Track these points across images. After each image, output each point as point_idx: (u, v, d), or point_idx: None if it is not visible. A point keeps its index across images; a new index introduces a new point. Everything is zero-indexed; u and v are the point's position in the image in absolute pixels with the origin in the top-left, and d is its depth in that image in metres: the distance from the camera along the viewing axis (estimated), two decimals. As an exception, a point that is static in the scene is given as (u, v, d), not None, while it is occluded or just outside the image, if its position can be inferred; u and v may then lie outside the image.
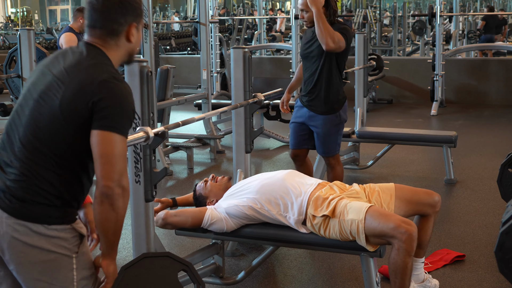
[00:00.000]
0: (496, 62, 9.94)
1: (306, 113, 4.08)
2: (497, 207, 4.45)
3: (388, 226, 2.63)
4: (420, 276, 3.06)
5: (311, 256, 3.64)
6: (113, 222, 1.88)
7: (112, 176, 1.84)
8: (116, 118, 1.85)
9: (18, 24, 23.01)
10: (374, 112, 8.98)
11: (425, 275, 3.10)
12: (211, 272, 3.16)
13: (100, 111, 1.84)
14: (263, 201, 2.91)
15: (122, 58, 2.02)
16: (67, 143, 1.87)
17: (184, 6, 30.82)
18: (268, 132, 6.72)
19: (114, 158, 1.85)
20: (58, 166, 1.87)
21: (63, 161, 1.87)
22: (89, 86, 1.84)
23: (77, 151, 1.88)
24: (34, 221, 1.85)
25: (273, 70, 10.84)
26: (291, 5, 9.80)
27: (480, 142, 6.85)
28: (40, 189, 1.86)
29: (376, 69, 5.96)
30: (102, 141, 1.84)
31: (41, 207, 1.86)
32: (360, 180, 5.30)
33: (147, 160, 2.57)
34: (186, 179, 5.59)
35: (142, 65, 2.54)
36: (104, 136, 1.84)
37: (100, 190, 1.85)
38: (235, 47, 3.43)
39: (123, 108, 1.87)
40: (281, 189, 2.91)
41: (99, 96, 1.84)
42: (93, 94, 1.84)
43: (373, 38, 14.46)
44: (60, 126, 1.85)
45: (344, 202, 2.80)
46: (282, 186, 2.92)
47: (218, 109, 3.21)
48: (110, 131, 1.84)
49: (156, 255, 2.52)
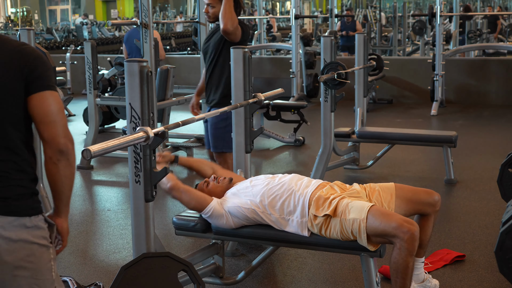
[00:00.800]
0: (496, 62, 9.94)
1: (207, 110, 4.10)
2: (497, 207, 4.45)
3: (390, 225, 2.64)
4: (420, 276, 3.06)
5: (311, 256, 3.64)
6: (70, 177, 1.94)
7: (65, 131, 1.91)
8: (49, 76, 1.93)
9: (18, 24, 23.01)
10: (374, 112, 8.98)
11: (425, 275, 3.10)
12: (211, 272, 3.16)
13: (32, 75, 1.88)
14: (266, 205, 2.91)
15: None
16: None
17: (184, 6, 30.83)
18: (268, 132, 6.73)
19: (60, 115, 1.91)
20: (22, 146, 1.91)
21: (23, 140, 1.92)
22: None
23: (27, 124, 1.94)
24: (19, 215, 1.86)
25: (273, 70, 10.84)
26: (291, 5, 9.80)
27: (480, 142, 6.85)
28: (18, 181, 1.88)
29: (376, 69, 5.93)
30: (44, 101, 1.88)
31: (23, 199, 1.88)
32: (360, 180, 5.29)
33: (147, 160, 2.57)
34: (186, 179, 5.59)
35: (142, 65, 2.54)
36: (44, 96, 1.89)
37: (55, 149, 1.89)
38: (235, 47, 3.43)
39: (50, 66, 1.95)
40: (285, 193, 2.91)
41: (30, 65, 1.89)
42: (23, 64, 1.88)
43: (373, 38, 14.47)
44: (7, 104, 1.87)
45: (345, 202, 2.80)
46: (287, 190, 2.92)
47: (218, 109, 3.20)
48: (48, 90, 1.90)
49: (156, 255, 2.52)
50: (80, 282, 3.21)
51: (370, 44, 13.49)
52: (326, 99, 4.93)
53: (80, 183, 5.45)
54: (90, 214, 4.62)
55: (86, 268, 3.58)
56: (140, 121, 2.55)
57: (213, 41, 4.09)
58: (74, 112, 9.20)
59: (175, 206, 4.70)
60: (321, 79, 4.60)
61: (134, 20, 6.07)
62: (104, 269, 3.58)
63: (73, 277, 3.16)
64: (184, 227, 3.15)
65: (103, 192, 5.18)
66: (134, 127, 2.55)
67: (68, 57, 10.26)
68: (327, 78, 4.67)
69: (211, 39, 4.13)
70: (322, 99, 4.94)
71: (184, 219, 3.16)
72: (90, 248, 3.95)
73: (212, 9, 4.03)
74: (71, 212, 4.61)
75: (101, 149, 2.20)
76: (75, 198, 4.99)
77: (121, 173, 5.79)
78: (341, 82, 4.72)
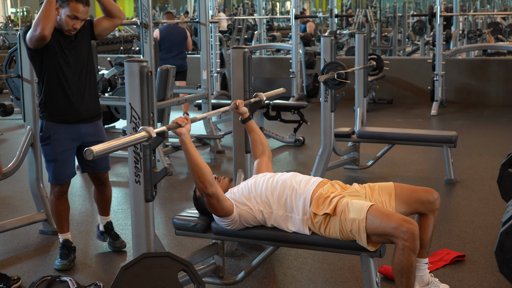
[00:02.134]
0: (496, 62, 9.94)
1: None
2: (497, 207, 4.45)
3: (390, 225, 2.63)
4: (425, 278, 2.99)
5: (311, 256, 3.64)
6: None
7: None
8: None
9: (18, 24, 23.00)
10: (374, 112, 8.98)
11: (431, 278, 3.02)
12: (211, 272, 3.16)
13: None
14: (271, 204, 2.91)
15: None
16: None
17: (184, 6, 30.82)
18: (268, 132, 6.73)
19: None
20: None
21: None
22: None
23: None
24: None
25: (273, 70, 10.84)
26: (291, 5, 9.80)
27: (480, 142, 6.85)
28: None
29: (376, 69, 5.94)
30: None
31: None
32: (360, 180, 5.30)
33: (147, 160, 2.57)
34: (186, 179, 5.59)
35: (142, 65, 2.54)
36: None
37: None
38: (235, 47, 3.43)
39: None
40: (286, 191, 2.91)
41: None
42: None
43: (373, 38, 14.46)
44: None
45: (345, 201, 2.79)
46: (288, 188, 2.91)
47: (220, 108, 3.20)
48: None
49: (156, 255, 2.52)
50: (80, 282, 3.21)
51: (370, 44, 13.48)
52: (326, 99, 4.93)
53: (80, 183, 5.45)
54: (90, 214, 4.62)
55: (86, 268, 3.58)
56: (140, 121, 2.55)
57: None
58: (74, 112, 9.19)
59: (175, 206, 4.70)
60: (321, 79, 4.60)
61: (134, 20, 6.07)
62: (104, 269, 3.58)
63: (73, 277, 3.17)
64: (184, 227, 3.15)
65: (103, 192, 5.17)
66: (134, 127, 2.56)
67: (68, 57, 10.25)
68: (327, 78, 4.67)
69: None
70: (322, 99, 4.94)
71: (184, 219, 3.16)
72: (90, 248, 3.95)
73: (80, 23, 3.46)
74: (71, 212, 4.61)
75: (104, 149, 2.21)
76: (75, 198, 4.99)
77: (121, 173, 5.79)
78: (341, 82, 4.72)
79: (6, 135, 7.74)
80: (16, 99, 4.13)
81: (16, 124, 8.32)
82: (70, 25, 3.34)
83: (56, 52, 3.37)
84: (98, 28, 3.50)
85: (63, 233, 3.66)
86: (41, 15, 3.25)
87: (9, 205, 4.87)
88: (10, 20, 24.41)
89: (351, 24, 18.29)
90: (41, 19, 3.23)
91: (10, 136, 7.66)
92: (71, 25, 3.34)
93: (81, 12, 3.34)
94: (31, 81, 3.97)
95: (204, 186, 2.82)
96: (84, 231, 4.23)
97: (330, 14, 11.12)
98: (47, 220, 4.12)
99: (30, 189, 4.17)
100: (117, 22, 3.55)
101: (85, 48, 3.48)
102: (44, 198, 4.12)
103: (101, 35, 3.54)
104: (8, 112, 4.84)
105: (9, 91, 4.19)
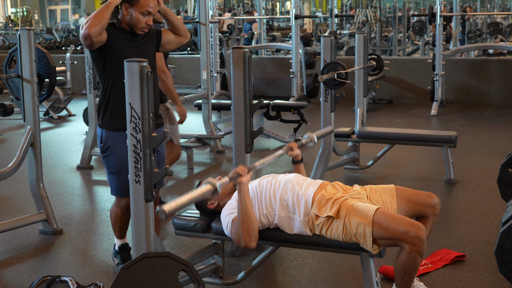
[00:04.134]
0: (496, 62, 9.94)
1: None
2: (497, 207, 4.45)
3: (398, 230, 2.63)
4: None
5: (311, 256, 3.64)
6: None
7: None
8: None
9: (18, 24, 23.01)
10: (374, 112, 8.98)
11: (416, 281, 3.04)
12: (211, 272, 3.16)
13: None
14: (274, 207, 2.91)
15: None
16: None
17: (184, 6, 30.82)
18: (268, 132, 6.72)
19: None
20: None
21: None
22: None
23: None
24: None
25: (273, 70, 10.84)
26: (291, 5, 9.81)
27: (480, 142, 6.85)
28: None
29: (376, 69, 5.94)
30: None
31: None
32: (360, 180, 5.30)
33: (147, 160, 2.57)
34: (186, 179, 5.59)
35: (142, 65, 2.54)
36: None
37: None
38: (235, 47, 3.43)
39: None
40: (288, 193, 2.91)
41: None
42: None
43: (373, 38, 14.47)
44: None
45: (349, 203, 2.79)
46: (290, 190, 2.92)
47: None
48: None
49: (156, 255, 2.52)
50: (80, 282, 3.21)
51: (370, 44, 13.49)
52: (326, 99, 4.93)
53: (80, 183, 5.45)
54: (90, 214, 4.62)
55: (86, 268, 3.58)
56: (140, 121, 2.55)
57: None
58: (74, 112, 9.20)
59: (175, 206, 4.70)
60: (321, 79, 4.60)
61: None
62: (104, 269, 3.58)
63: (73, 277, 3.17)
64: (184, 227, 3.15)
65: (103, 192, 5.18)
66: (134, 127, 2.56)
67: (68, 57, 10.27)
68: (327, 78, 4.67)
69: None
70: (322, 99, 4.94)
71: (184, 219, 3.16)
72: (90, 248, 3.95)
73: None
74: (71, 212, 4.62)
75: (174, 208, 2.33)
76: (75, 198, 4.99)
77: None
78: (341, 82, 4.72)
79: (6, 135, 7.74)
80: (16, 99, 4.13)
81: (16, 124, 8.33)
82: (143, 22, 3.23)
83: (120, 54, 3.21)
84: (164, 38, 3.40)
85: (121, 239, 3.56)
86: (93, 15, 3.19)
87: (9, 205, 4.87)
88: (10, 20, 24.42)
89: (353, 23, 18.29)
90: (92, 17, 3.18)
91: (10, 136, 7.66)
92: (144, 22, 3.23)
93: (152, 6, 3.27)
94: (31, 81, 3.97)
95: (249, 239, 2.83)
96: (84, 231, 4.23)
97: (330, 14, 11.12)
98: (47, 220, 4.12)
99: (30, 189, 4.17)
100: (182, 41, 3.50)
101: (152, 53, 3.37)
102: (44, 198, 4.12)
103: (164, 47, 3.44)
104: (8, 112, 4.84)
105: (9, 91, 4.19)
